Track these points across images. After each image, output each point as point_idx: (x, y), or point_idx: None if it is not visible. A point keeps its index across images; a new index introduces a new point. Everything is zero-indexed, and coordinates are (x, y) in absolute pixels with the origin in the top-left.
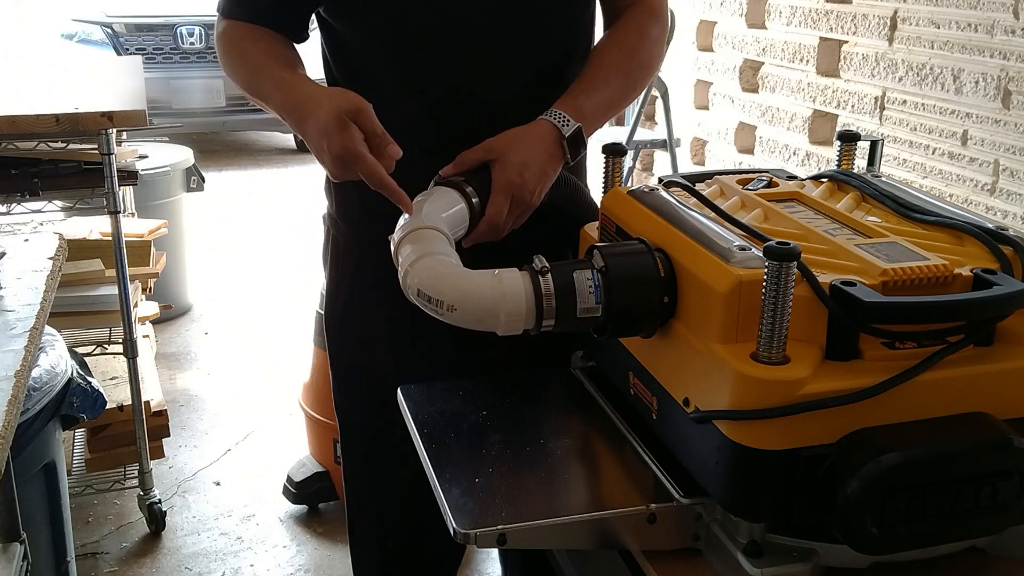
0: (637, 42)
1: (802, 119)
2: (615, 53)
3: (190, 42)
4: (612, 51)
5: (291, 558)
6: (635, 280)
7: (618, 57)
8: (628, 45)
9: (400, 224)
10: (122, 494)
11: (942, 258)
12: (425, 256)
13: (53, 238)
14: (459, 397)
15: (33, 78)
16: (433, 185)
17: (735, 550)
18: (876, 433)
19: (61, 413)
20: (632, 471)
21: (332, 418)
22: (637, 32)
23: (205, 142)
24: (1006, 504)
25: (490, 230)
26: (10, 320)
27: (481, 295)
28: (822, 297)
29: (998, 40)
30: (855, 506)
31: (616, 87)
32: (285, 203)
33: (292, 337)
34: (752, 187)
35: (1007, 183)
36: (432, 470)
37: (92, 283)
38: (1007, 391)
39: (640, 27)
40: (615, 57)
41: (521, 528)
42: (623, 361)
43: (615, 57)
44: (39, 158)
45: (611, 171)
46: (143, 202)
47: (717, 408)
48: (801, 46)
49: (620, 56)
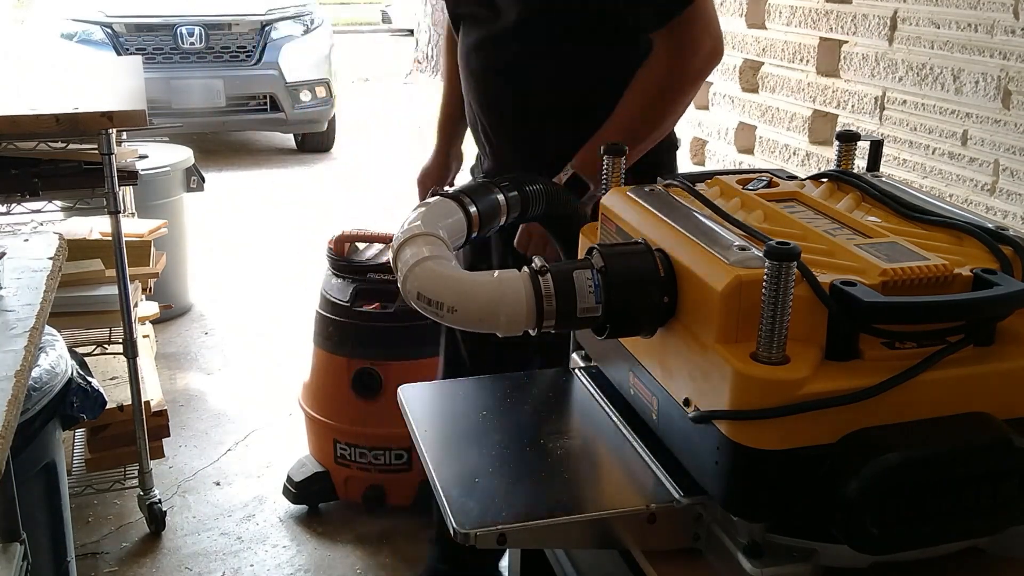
0: (639, 96)
1: (802, 119)
2: (619, 110)
3: (190, 42)
4: (621, 106)
5: (291, 558)
6: (635, 280)
7: (620, 113)
8: (630, 102)
9: (399, 230)
10: (122, 494)
11: (942, 258)
12: (424, 259)
13: (53, 238)
14: (459, 397)
15: (33, 78)
16: (431, 196)
17: (735, 550)
18: (876, 433)
19: (61, 413)
20: (632, 471)
21: (332, 418)
22: (647, 79)
23: (205, 142)
24: (1006, 504)
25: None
26: (10, 320)
27: (481, 296)
28: (822, 297)
29: (998, 40)
30: (855, 506)
31: (613, 136)
32: (285, 203)
33: (292, 337)
34: (752, 187)
35: (1007, 183)
36: (432, 470)
37: (92, 283)
38: (1007, 391)
39: (651, 75)
40: (618, 113)
41: (521, 528)
42: (623, 361)
43: (618, 113)
44: (39, 158)
45: (611, 171)
46: (143, 202)
47: (717, 408)
48: (801, 46)
49: (622, 111)
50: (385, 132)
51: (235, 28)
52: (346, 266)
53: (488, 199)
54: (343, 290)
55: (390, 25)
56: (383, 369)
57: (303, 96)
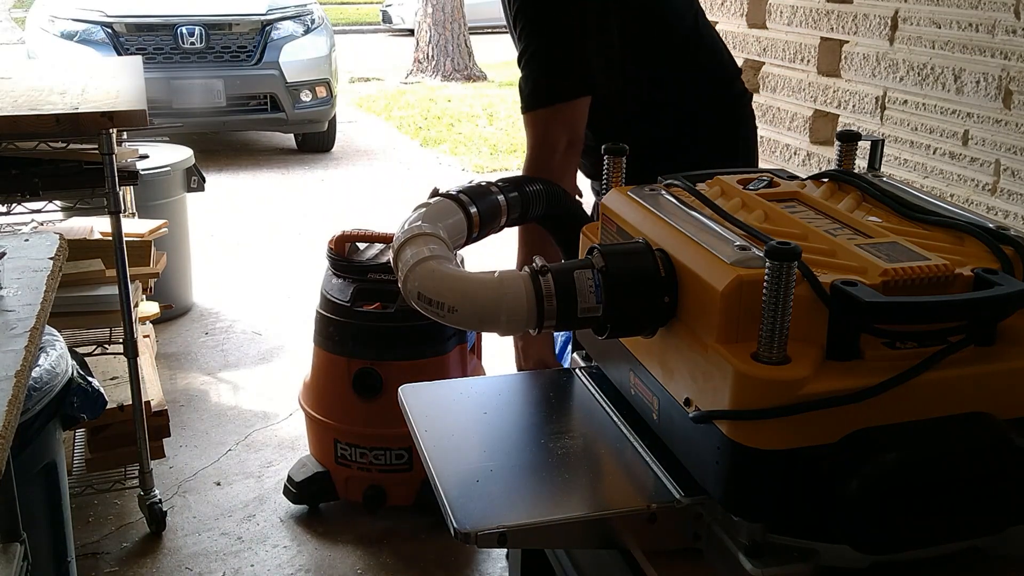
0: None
1: (803, 119)
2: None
3: (190, 42)
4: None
5: (291, 558)
6: (635, 280)
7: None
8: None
9: (399, 230)
10: (122, 494)
11: (943, 258)
12: (425, 259)
13: (53, 238)
14: (459, 397)
15: (33, 78)
16: (430, 197)
17: (735, 550)
18: (876, 433)
19: (61, 413)
20: (632, 471)
21: (332, 418)
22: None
23: (205, 142)
24: (1006, 504)
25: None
26: (10, 320)
27: (482, 296)
28: (823, 297)
29: (999, 40)
30: (855, 506)
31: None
32: (285, 203)
33: (292, 337)
34: (753, 187)
35: (1008, 183)
36: (432, 470)
37: (92, 283)
38: (1007, 391)
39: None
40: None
41: (521, 528)
42: (624, 361)
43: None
44: (39, 158)
45: (611, 171)
46: (143, 202)
47: (718, 408)
48: (802, 46)
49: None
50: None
51: (235, 28)
52: (346, 266)
53: (488, 199)
54: (343, 290)
55: (390, 25)
56: (383, 369)
57: (303, 96)
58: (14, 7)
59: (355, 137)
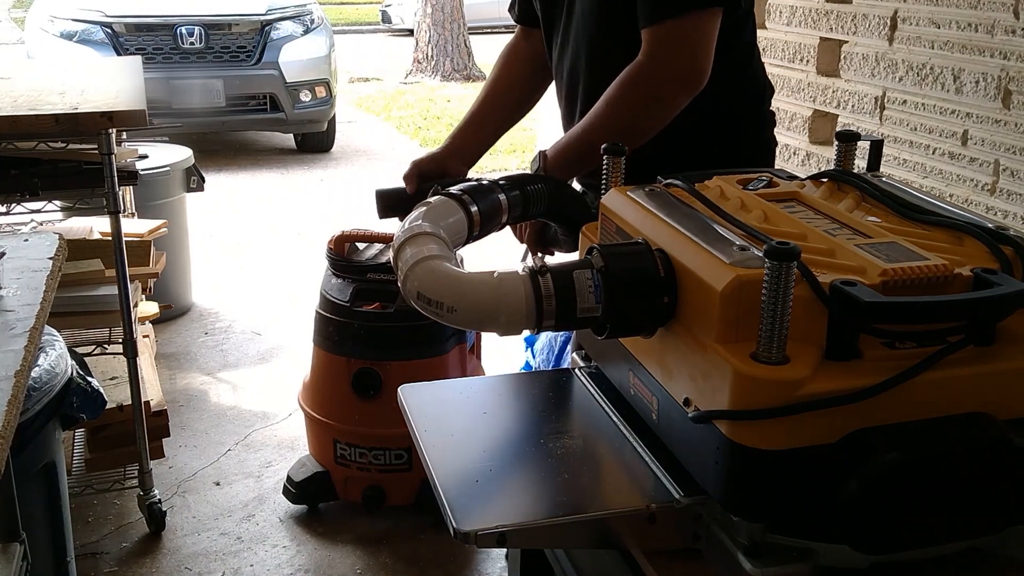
0: (603, 102)
1: (802, 119)
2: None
3: (190, 42)
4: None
5: (291, 558)
6: (635, 280)
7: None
8: (602, 98)
9: (399, 229)
10: (122, 494)
11: (942, 258)
12: (424, 259)
13: (53, 238)
14: (459, 397)
15: (33, 78)
16: (432, 195)
17: (735, 550)
18: (876, 433)
19: (61, 413)
20: (632, 471)
21: (332, 418)
22: (620, 78)
23: (205, 142)
24: (1005, 504)
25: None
26: (10, 320)
27: (481, 296)
28: (822, 297)
29: (998, 40)
30: (855, 506)
31: (578, 137)
32: (284, 203)
33: (292, 337)
34: (752, 187)
35: (1007, 183)
36: (432, 470)
37: (92, 283)
38: (1007, 391)
39: (624, 76)
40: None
41: (521, 528)
42: (623, 361)
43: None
44: (39, 158)
45: (611, 171)
46: (143, 202)
47: (717, 408)
48: (801, 46)
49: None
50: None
51: (235, 28)
52: (346, 266)
53: (489, 198)
54: (343, 290)
55: (389, 25)
56: (383, 369)
57: (303, 96)
58: (14, 7)
59: (354, 137)
